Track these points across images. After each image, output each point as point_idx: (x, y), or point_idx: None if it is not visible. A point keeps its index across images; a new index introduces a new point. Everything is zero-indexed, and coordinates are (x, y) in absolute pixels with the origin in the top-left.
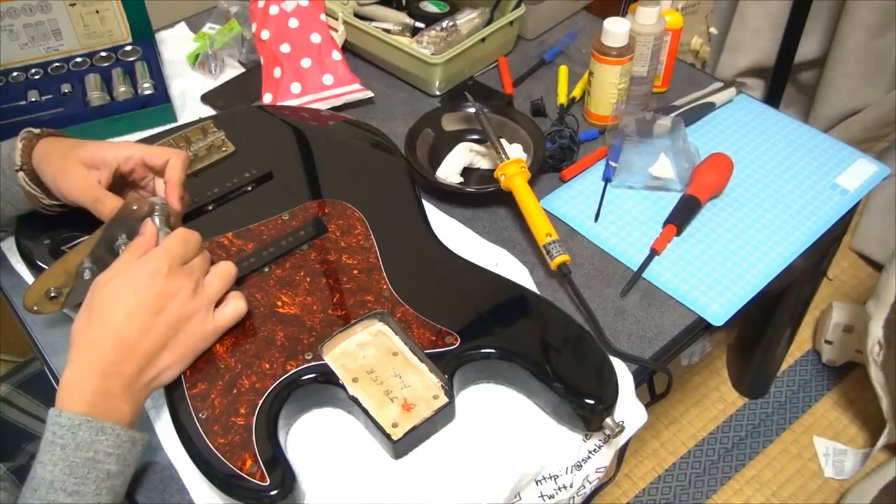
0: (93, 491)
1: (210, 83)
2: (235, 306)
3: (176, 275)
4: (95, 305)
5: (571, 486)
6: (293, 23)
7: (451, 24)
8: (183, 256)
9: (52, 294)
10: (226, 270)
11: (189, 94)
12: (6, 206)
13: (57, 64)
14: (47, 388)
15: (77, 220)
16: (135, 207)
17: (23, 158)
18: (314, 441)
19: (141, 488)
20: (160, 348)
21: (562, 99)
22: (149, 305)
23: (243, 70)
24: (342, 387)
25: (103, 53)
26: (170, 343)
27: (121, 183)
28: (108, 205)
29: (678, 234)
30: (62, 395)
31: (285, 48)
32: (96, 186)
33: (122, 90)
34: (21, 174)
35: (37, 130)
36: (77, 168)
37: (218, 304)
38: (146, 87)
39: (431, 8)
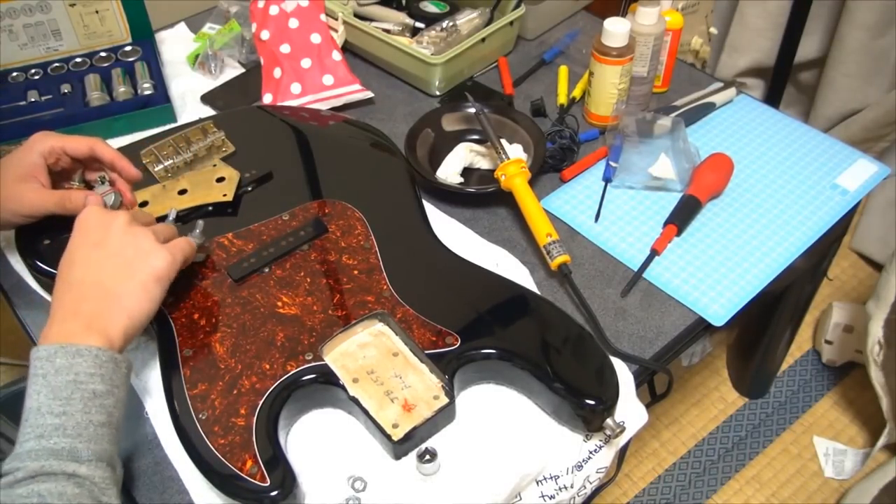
0: (80, 409)
1: (210, 83)
2: (185, 239)
3: (113, 219)
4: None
5: (572, 487)
6: (293, 23)
7: (451, 24)
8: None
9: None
10: (168, 227)
11: (189, 94)
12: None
13: (57, 64)
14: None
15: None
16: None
17: None
18: (314, 441)
19: (141, 488)
20: (112, 282)
21: (562, 99)
22: (91, 242)
23: (243, 70)
24: (342, 387)
25: (103, 54)
26: (122, 277)
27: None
28: (75, 198)
29: (678, 234)
30: (40, 341)
31: (285, 48)
32: (50, 192)
33: (121, 90)
34: None
35: None
36: (18, 187)
37: None
38: (146, 88)
39: (431, 8)
